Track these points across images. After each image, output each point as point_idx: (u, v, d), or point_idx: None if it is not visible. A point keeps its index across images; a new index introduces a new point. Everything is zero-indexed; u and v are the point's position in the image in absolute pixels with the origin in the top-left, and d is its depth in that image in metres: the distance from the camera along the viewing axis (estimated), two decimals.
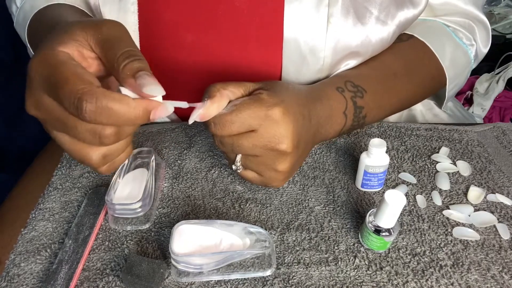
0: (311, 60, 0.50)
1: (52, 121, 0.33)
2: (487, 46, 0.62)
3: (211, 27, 0.50)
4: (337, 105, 0.46)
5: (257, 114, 0.38)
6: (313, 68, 0.50)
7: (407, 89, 0.55)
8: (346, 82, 0.48)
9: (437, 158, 0.52)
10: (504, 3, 1.60)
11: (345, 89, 0.48)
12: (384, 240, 0.39)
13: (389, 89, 0.52)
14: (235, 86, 0.40)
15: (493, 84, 1.32)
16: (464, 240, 0.42)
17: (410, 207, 0.46)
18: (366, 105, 0.49)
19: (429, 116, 0.69)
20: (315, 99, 0.44)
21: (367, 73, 0.52)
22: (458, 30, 0.59)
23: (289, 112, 0.39)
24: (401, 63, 0.54)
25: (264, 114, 0.38)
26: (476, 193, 0.47)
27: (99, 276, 0.40)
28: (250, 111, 0.38)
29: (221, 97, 0.39)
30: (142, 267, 0.38)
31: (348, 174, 0.50)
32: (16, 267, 0.40)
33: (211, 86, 0.40)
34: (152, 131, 0.57)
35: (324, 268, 0.40)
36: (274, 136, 0.39)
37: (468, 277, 0.39)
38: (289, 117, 0.39)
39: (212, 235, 0.40)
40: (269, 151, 0.39)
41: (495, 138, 0.55)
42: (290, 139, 0.39)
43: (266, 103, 0.38)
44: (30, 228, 0.44)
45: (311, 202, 0.46)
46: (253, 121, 0.38)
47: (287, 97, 0.40)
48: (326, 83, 0.48)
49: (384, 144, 0.44)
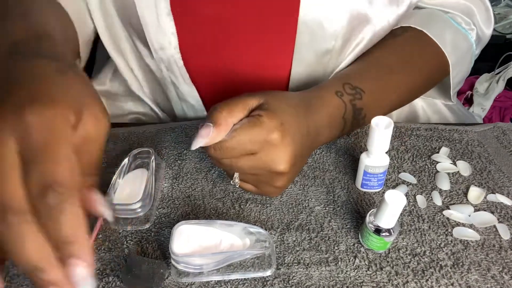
0: (326, 26, 0.50)
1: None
2: (490, 27, 0.61)
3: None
4: (336, 111, 0.47)
5: (257, 139, 0.39)
6: (328, 33, 0.51)
7: (406, 82, 0.54)
8: (345, 85, 0.48)
9: (437, 158, 0.52)
10: (504, 3, 1.60)
11: (344, 93, 0.47)
12: (384, 240, 0.39)
13: (386, 86, 0.52)
14: (239, 110, 0.40)
15: (493, 84, 1.32)
16: (464, 240, 0.42)
17: (410, 207, 0.46)
18: (365, 106, 0.49)
19: (430, 112, 0.69)
20: (313, 111, 0.45)
21: (364, 71, 0.52)
22: (456, 15, 0.59)
23: (288, 134, 0.40)
24: (396, 57, 0.54)
25: (264, 139, 0.39)
26: (476, 193, 0.47)
27: (99, 276, 0.40)
28: (251, 136, 0.38)
29: (226, 125, 0.39)
30: (142, 267, 0.38)
31: (348, 174, 0.50)
32: (16, 267, 0.40)
33: (216, 111, 0.39)
34: (152, 131, 0.57)
35: (324, 268, 0.40)
36: (273, 160, 0.40)
37: (468, 277, 0.39)
38: (288, 140, 0.40)
39: (212, 235, 0.40)
40: (267, 172, 0.41)
41: (495, 138, 0.55)
42: (288, 161, 0.40)
43: (266, 127, 0.39)
44: None
45: (311, 202, 0.46)
46: (253, 146, 0.39)
47: (286, 118, 0.40)
48: (324, 87, 0.48)
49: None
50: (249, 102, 0.41)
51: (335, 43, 0.52)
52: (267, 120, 0.39)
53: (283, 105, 0.41)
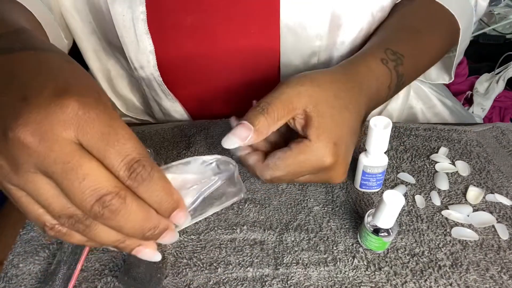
0: (308, 28, 0.49)
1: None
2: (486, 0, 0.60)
3: (209, 7, 0.50)
4: (384, 81, 0.44)
5: (309, 168, 0.37)
6: (312, 34, 0.50)
7: (433, 44, 0.52)
8: (387, 50, 0.45)
9: (436, 158, 0.51)
10: (504, 3, 1.60)
11: (388, 60, 0.45)
12: (383, 240, 0.39)
13: (420, 48, 0.50)
14: (284, 118, 0.37)
15: (493, 84, 1.32)
16: (463, 240, 0.42)
17: (409, 207, 0.46)
18: (405, 71, 0.47)
19: (430, 115, 0.69)
20: (365, 87, 0.41)
21: (397, 36, 0.49)
22: None
23: (342, 151, 0.38)
24: (419, 20, 0.52)
25: (317, 167, 0.37)
26: (475, 193, 0.47)
27: (97, 277, 0.40)
28: (302, 166, 0.37)
29: (266, 134, 0.37)
30: (140, 269, 0.38)
31: (347, 174, 0.50)
32: (15, 267, 0.40)
33: (260, 115, 0.36)
34: (151, 131, 0.57)
35: (323, 268, 0.40)
36: (330, 178, 0.39)
37: (467, 277, 0.39)
38: (342, 157, 0.38)
39: (172, 181, 0.36)
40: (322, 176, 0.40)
41: (494, 138, 0.55)
42: (344, 172, 0.39)
43: (317, 155, 0.36)
44: (28, 228, 0.44)
45: (310, 202, 0.46)
46: (305, 172, 0.38)
47: (337, 130, 0.37)
48: (370, 55, 0.45)
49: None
50: (296, 108, 0.37)
51: (321, 44, 0.51)
52: (317, 145, 0.36)
53: (332, 109, 0.37)
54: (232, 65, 0.55)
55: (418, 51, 0.49)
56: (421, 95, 0.70)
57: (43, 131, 0.23)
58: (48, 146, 0.23)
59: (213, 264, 0.40)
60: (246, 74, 0.56)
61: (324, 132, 0.36)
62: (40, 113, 0.23)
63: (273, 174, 0.37)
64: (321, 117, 0.37)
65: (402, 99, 0.68)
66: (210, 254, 0.41)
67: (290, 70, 0.54)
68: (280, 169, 0.37)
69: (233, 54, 0.54)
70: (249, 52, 0.53)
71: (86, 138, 0.24)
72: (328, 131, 0.37)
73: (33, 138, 0.23)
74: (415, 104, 0.69)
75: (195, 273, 0.40)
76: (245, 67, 0.55)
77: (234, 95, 0.58)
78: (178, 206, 0.28)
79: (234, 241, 0.43)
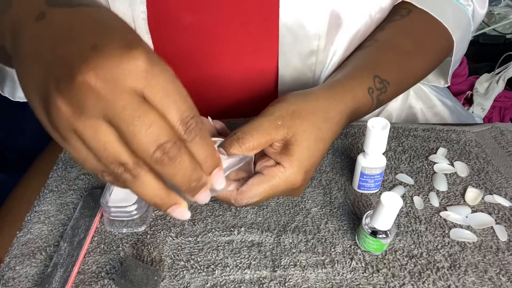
0: (307, 28, 0.50)
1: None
2: (484, 8, 0.60)
3: (209, 7, 0.50)
4: (364, 110, 0.46)
5: (280, 191, 0.39)
6: (310, 34, 0.50)
7: (420, 65, 0.53)
8: (375, 78, 0.46)
9: (435, 159, 0.51)
10: (504, 3, 1.60)
11: (374, 89, 0.46)
12: (381, 242, 0.39)
13: (406, 72, 0.51)
14: (261, 146, 0.39)
15: (493, 84, 1.32)
16: (461, 241, 0.42)
17: (407, 208, 0.45)
18: (386, 98, 0.48)
19: (430, 115, 0.68)
20: (346, 116, 0.43)
21: (386, 60, 0.50)
22: None
23: (309, 176, 0.40)
24: (410, 40, 0.53)
25: (287, 189, 0.40)
26: (473, 194, 0.47)
27: (94, 279, 0.39)
28: (273, 190, 0.39)
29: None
30: (136, 272, 0.38)
31: (345, 175, 0.50)
32: (11, 270, 0.40)
33: (237, 143, 0.38)
34: None
35: (321, 270, 0.40)
36: (293, 192, 0.42)
37: (465, 279, 0.39)
38: (307, 179, 0.41)
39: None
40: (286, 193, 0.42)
41: (493, 138, 0.55)
42: (305, 185, 0.42)
43: (290, 181, 0.39)
44: (25, 231, 0.44)
45: (308, 204, 0.46)
46: (275, 195, 0.40)
47: (309, 162, 0.39)
48: (358, 81, 0.45)
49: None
50: (273, 139, 0.39)
51: (319, 43, 0.51)
52: (290, 172, 0.38)
53: (309, 140, 0.39)
54: (231, 64, 0.55)
55: (404, 75, 0.51)
56: (421, 95, 0.70)
57: (114, 78, 0.24)
58: (118, 94, 0.25)
59: (211, 266, 0.40)
60: (244, 73, 0.56)
61: (298, 161, 0.39)
62: (112, 62, 0.24)
63: (250, 201, 0.39)
64: (297, 147, 0.39)
65: (401, 98, 0.68)
66: (207, 256, 0.41)
67: (289, 70, 0.54)
68: (257, 194, 0.39)
69: (232, 54, 0.54)
70: (248, 51, 0.53)
71: (151, 91, 0.26)
72: (301, 160, 0.39)
73: (104, 84, 0.24)
74: (415, 104, 0.69)
75: (192, 275, 0.40)
76: (243, 66, 0.55)
77: (234, 95, 0.58)
78: (219, 165, 0.31)
79: (232, 243, 0.42)
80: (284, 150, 0.39)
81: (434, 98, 0.70)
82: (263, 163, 0.40)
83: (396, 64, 0.50)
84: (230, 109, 0.60)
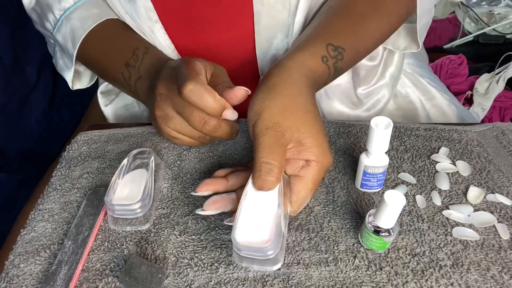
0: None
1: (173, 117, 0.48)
2: None
3: None
4: (321, 80, 0.47)
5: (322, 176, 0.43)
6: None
7: (379, 28, 0.52)
8: (328, 46, 0.46)
9: (437, 158, 0.51)
10: (504, 3, 1.60)
11: (329, 57, 0.46)
12: (384, 240, 0.39)
13: (363, 37, 0.50)
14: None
15: (493, 84, 1.32)
16: (463, 240, 0.42)
17: (410, 207, 0.46)
18: (344, 66, 0.48)
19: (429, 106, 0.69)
20: (311, 87, 0.44)
21: (340, 25, 0.50)
22: None
23: (327, 141, 0.43)
24: (365, 2, 0.52)
25: (327, 170, 0.44)
26: (475, 193, 0.47)
27: (98, 277, 0.40)
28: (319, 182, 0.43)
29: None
30: (141, 269, 0.38)
31: (348, 174, 0.50)
32: (16, 268, 0.40)
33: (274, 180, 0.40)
34: (152, 131, 0.57)
35: (324, 268, 0.40)
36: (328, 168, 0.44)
37: (468, 277, 0.39)
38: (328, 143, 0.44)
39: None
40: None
41: (495, 138, 0.55)
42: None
43: (327, 166, 0.43)
44: (29, 229, 0.44)
45: (311, 202, 0.46)
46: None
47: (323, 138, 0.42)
48: (311, 53, 0.46)
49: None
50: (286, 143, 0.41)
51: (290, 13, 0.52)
52: (323, 161, 0.42)
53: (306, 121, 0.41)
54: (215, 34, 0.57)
55: (360, 39, 0.50)
56: (419, 86, 0.70)
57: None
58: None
59: (214, 264, 0.40)
60: (224, 43, 0.58)
61: (317, 147, 0.41)
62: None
63: (304, 204, 0.43)
64: (308, 137, 0.41)
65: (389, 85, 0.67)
66: (211, 254, 0.41)
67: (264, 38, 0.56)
68: (306, 196, 0.42)
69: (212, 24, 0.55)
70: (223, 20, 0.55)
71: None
72: (320, 145, 0.41)
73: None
74: (413, 99, 0.69)
75: (196, 273, 0.40)
76: (222, 37, 0.57)
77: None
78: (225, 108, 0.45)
79: None
80: (301, 147, 0.41)
81: (433, 90, 0.70)
82: (290, 168, 0.43)
83: (351, 29, 0.49)
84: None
